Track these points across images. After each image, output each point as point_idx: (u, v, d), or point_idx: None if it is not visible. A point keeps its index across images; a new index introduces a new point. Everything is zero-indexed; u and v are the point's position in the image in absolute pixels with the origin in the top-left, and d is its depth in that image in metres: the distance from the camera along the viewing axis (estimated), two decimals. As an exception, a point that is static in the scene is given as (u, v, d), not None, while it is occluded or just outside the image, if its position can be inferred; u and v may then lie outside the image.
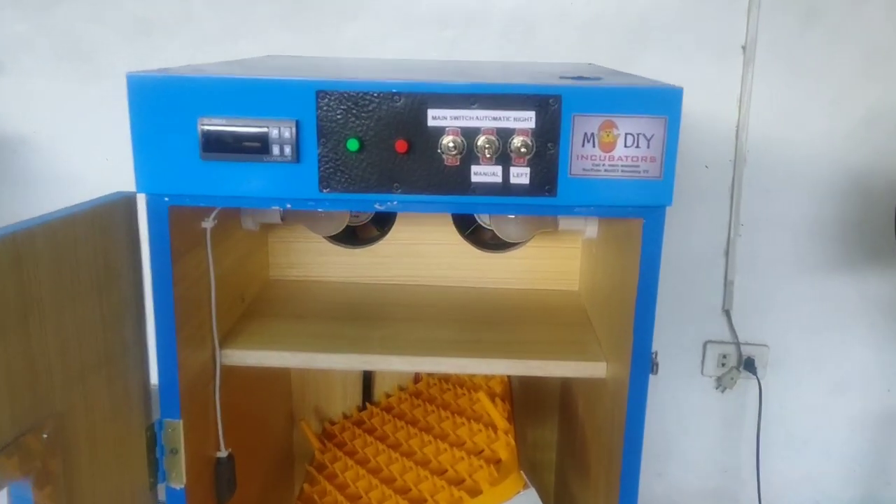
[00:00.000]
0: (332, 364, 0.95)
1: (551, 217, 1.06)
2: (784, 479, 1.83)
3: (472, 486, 0.97)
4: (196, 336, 0.89)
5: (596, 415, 1.03)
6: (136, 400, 0.82)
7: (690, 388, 1.78)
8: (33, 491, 0.65)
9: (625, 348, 0.86)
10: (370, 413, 1.32)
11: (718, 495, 1.85)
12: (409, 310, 1.11)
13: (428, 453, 1.10)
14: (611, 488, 0.91)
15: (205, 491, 0.94)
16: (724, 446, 1.82)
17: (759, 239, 1.66)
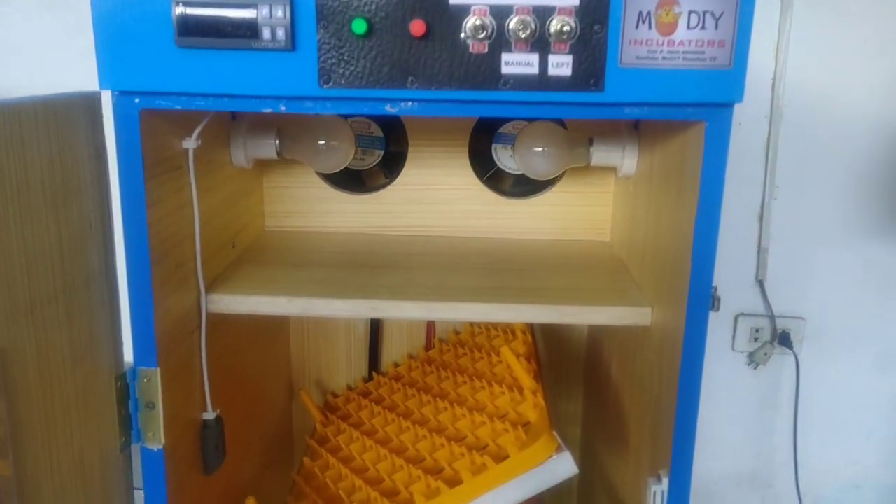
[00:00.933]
0: (335, 311, 0.82)
1: (583, 149, 0.93)
2: (822, 463, 1.70)
3: (497, 451, 0.84)
4: (176, 276, 0.76)
5: (635, 374, 0.90)
6: (104, 344, 0.69)
7: (720, 365, 1.65)
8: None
9: (674, 290, 0.73)
10: (377, 383, 1.19)
11: (752, 481, 1.72)
12: (422, 258, 0.99)
13: (444, 420, 0.97)
14: (657, 457, 0.78)
15: (189, 456, 0.81)
16: (757, 428, 1.69)
17: (796, 202, 1.53)
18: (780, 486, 1.73)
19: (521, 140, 0.95)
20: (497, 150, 1.06)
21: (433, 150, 1.07)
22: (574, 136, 0.96)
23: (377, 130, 1.06)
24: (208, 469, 0.86)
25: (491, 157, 1.06)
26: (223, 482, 0.93)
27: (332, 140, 0.93)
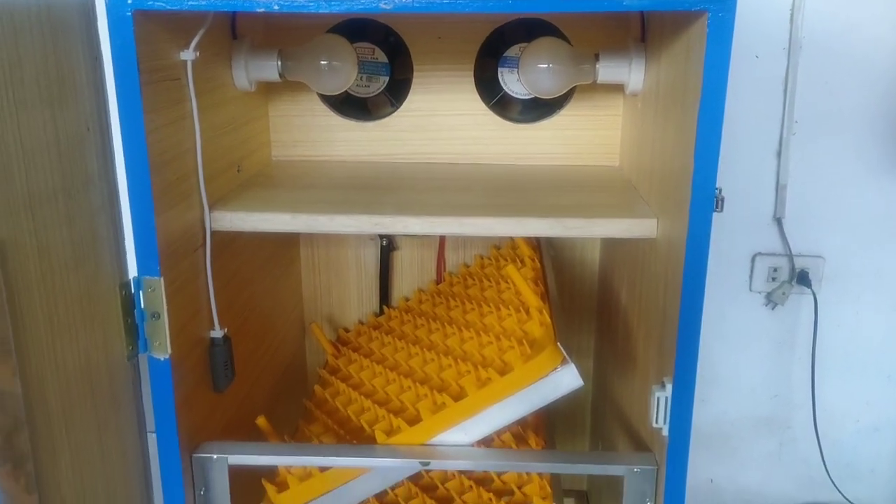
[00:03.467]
0: (339, 227, 0.82)
1: (589, 65, 0.92)
2: (840, 405, 1.68)
3: (502, 366, 0.84)
4: (177, 189, 0.77)
5: (643, 294, 0.89)
6: (105, 248, 0.70)
7: (737, 306, 1.63)
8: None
9: (679, 200, 0.72)
10: (388, 317, 1.20)
11: (769, 424, 1.71)
12: (428, 183, 0.98)
13: (451, 345, 0.97)
14: (661, 366, 0.77)
15: (197, 371, 0.82)
16: (774, 370, 1.67)
17: (815, 138, 1.50)
18: (798, 428, 1.71)
19: (525, 57, 0.93)
20: (503, 74, 1.04)
21: (438, 75, 1.05)
22: (580, 51, 0.94)
23: (381, 56, 1.05)
24: (218, 387, 0.87)
25: (497, 83, 1.05)
26: (235, 403, 0.94)
27: (334, 60, 0.92)
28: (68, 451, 0.65)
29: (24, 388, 0.61)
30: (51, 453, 0.64)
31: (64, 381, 0.66)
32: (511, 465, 0.82)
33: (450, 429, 0.83)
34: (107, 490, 0.71)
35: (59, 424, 0.65)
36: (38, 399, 0.62)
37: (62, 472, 0.65)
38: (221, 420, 0.89)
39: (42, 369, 0.63)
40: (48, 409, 0.64)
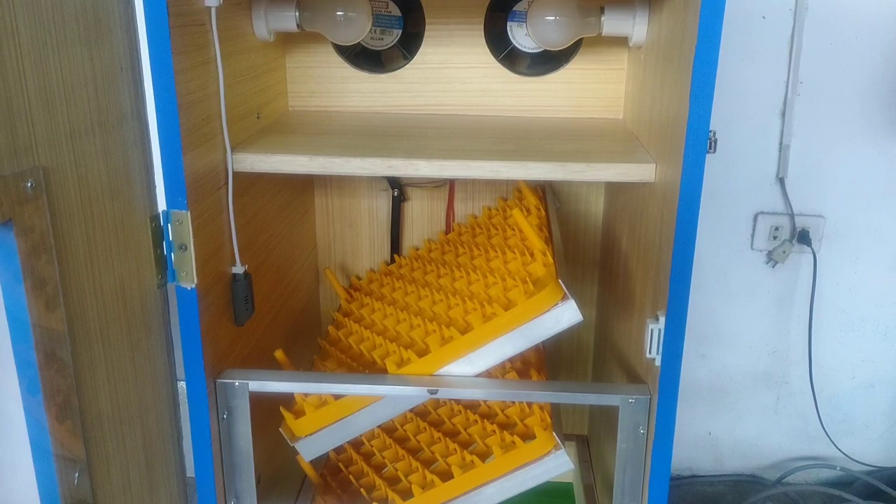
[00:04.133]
0: (354, 169, 0.87)
1: (594, 18, 0.96)
2: (837, 361, 1.73)
3: (507, 302, 0.89)
4: (203, 129, 0.81)
5: (642, 238, 0.94)
6: (137, 181, 0.75)
7: (739, 264, 1.68)
8: (17, 240, 0.59)
9: (675, 144, 0.76)
10: (398, 265, 1.25)
11: (766, 379, 1.76)
12: (438, 132, 1.02)
13: (459, 287, 1.03)
14: (656, 302, 0.82)
15: (220, 303, 0.88)
16: (773, 326, 1.72)
17: (819, 99, 1.53)
18: (795, 383, 1.76)
19: (533, 9, 0.97)
20: (512, 28, 1.08)
21: (450, 29, 1.09)
22: (585, 4, 0.98)
23: (395, 10, 1.09)
24: (239, 319, 0.92)
25: (506, 37, 1.09)
26: (254, 338, 0.99)
27: (349, 11, 0.96)
28: (104, 364, 0.71)
29: (66, 307, 0.66)
30: (89, 366, 0.69)
31: (101, 303, 0.71)
32: (513, 393, 0.88)
33: (456, 360, 0.88)
34: (139, 404, 0.77)
35: (96, 340, 0.70)
36: (79, 317, 0.68)
37: (99, 383, 0.71)
38: (241, 352, 0.95)
39: (82, 290, 0.68)
40: (87, 326, 0.69)
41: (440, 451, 0.99)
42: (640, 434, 0.86)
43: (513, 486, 0.91)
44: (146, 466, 0.80)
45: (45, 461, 0.70)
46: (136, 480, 0.77)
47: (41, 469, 0.71)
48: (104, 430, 0.72)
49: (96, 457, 0.71)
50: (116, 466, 0.74)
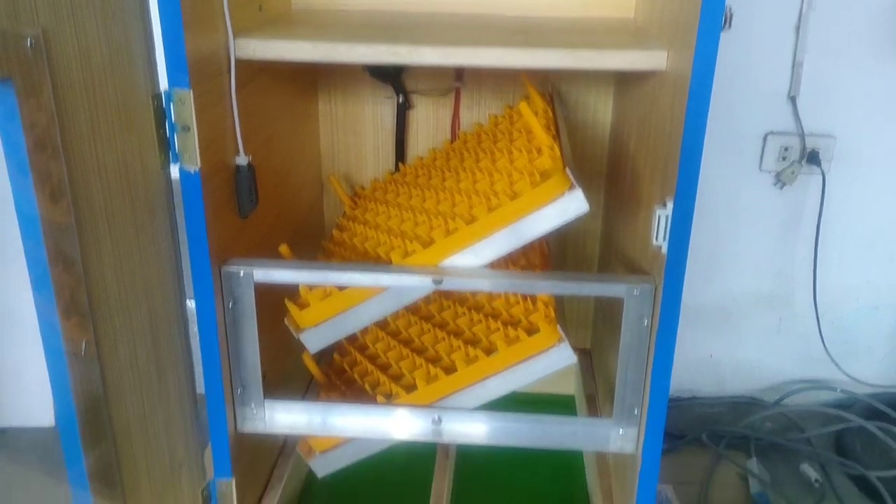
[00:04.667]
0: (357, 56, 0.85)
1: None
2: (842, 284, 1.73)
3: (512, 194, 0.88)
4: (204, 9, 0.80)
5: (651, 133, 0.92)
6: (139, 59, 0.74)
7: (747, 185, 1.66)
8: (18, 98, 0.58)
9: (689, 24, 0.74)
10: (403, 174, 1.24)
11: (770, 301, 1.76)
12: (446, 27, 1.00)
13: (465, 187, 1.02)
14: (664, 190, 0.81)
15: (223, 191, 0.87)
16: (779, 248, 1.71)
17: (835, 13, 1.49)
18: (799, 306, 1.76)
19: None
20: (522, -78, 1.05)
21: (458, -75, 1.06)
22: None
23: None
24: (242, 211, 0.92)
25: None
26: (258, 234, 0.99)
27: None
28: (109, 242, 0.71)
29: (71, 185, 0.65)
30: (94, 243, 0.69)
31: (105, 182, 0.71)
32: (518, 283, 0.88)
33: (461, 251, 0.88)
34: (144, 283, 0.77)
35: (101, 218, 0.70)
36: (84, 194, 0.67)
37: (105, 260, 0.71)
38: (246, 247, 0.95)
39: (86, 168, 0.68)
40: (92, 205, 0.69)
41: (444, 350, 1.00)
42: (644, 326, 0.86)
43: (517, 378, 0.92)
44: (153, 347, 0.80)
45: (56, 356, 0.70)
46: (143, 359, 0.78)
47: (53, 364, 0.71)
48: (110, 307, 0.73)
49: (103, 333, 0.72)
50: (123, 342, 0.75)
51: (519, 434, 0.93)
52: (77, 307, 0.68)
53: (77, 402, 0.70)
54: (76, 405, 0.70)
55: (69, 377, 0.69)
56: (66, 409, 0.71)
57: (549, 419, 0.94)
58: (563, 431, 0.94)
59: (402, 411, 0.93)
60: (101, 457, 0.74)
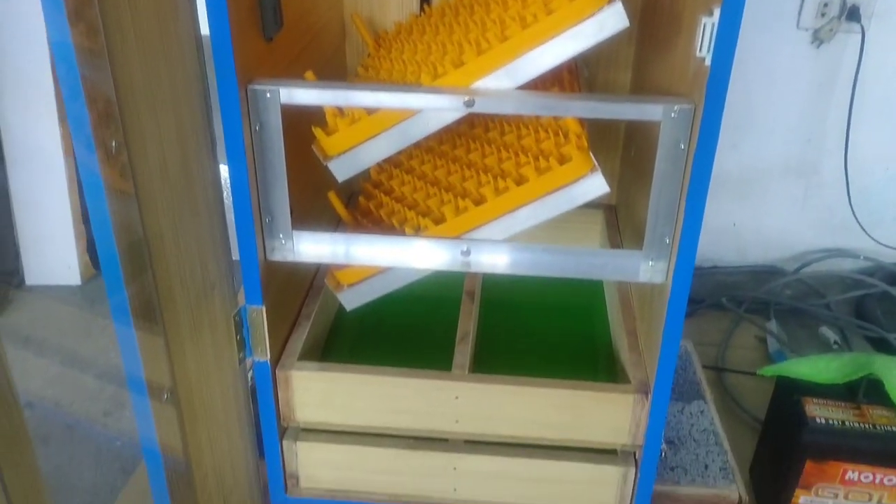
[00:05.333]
0: None
1: None
2: (873, 151, 1.69)
3: (549, 11, 0.84)
4: None
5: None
6: None
7: (782, 44, 1.60)
8: None
9: None
10: (428, 14, 1.19)
11: (799, 168, 1.73)
12: None
13: (496, 16, 0.98)
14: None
15: (247, 10, 0.84)
16: (811, 112, 1.67)
17: None
18: (827, 173, 1.73)
19: None
20: None
21: None
22: None
23: None
24: (267, 32, 0.89)
25: None
26: (284, 60, 0.96)
27: None
28: (133, 36, 0.69)
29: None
30: (122, 38, 0.67)
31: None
32: (552, 104, 0.85)
33: (494, 71, 0.85)
34: (171, 89, 0.76)
35: (126, 16, 0.68)
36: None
37: (129, 54, 0.69)
38: (271, 71, 0.92)
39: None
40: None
41: (473, 186, 0.98)
42: (681, 150, 0.84)
43: (548, 209, 0.91)
44: (182, 159, 0.79)
45: (88, 157, 0.70)
46: (172, 167, 0.77)
47: (85, 170, 0.71)
48: (139, 108, 0.71)
49: (132, 135, 0.70)
50: (153, 145, 0.73)
51: (548, 264, 0.92)
52: (108, 112, 0.66)
53: (110, 202, 0.70)
54: (109, 208, 0.70)
55: (101, 178, 0.69)
56: (101, 217, 0.71)
57: (579, 251, 0.93)
58: (592, 263, 0.93)
59: (429, 242, 0.93)
60: (136, 266, 0.75)
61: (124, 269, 0.73)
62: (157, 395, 0.82)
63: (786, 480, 1.11)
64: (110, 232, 0.72)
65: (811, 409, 1.09)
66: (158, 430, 0.84)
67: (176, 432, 0.86)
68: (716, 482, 1.12)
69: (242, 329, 0.96)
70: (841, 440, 1.06)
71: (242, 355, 0.97)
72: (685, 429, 1.22)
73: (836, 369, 1.12)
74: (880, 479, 1.07)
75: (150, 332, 0.80)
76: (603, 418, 0.98)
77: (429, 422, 1.01)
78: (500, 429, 1.01)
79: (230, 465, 0.99)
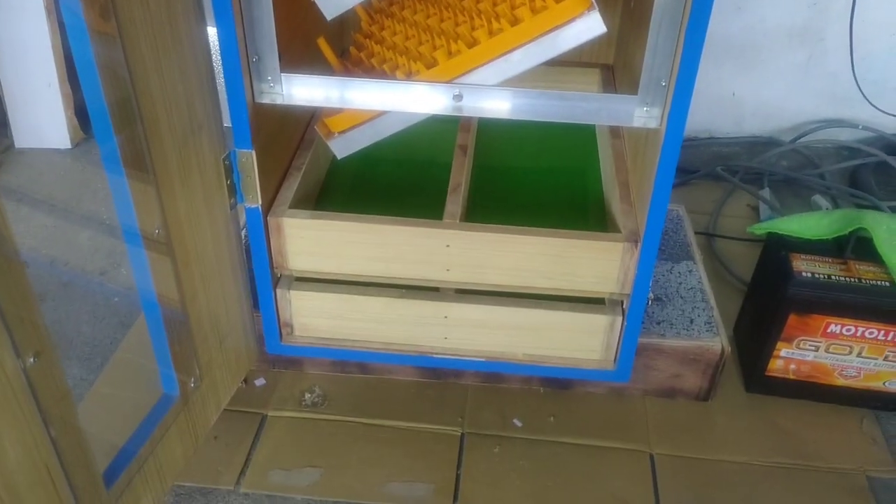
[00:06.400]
0: None
1: None
2: (880, 15, 1.64)
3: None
4: None
5: None
6: None
7: None
8: None
9: None
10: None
11: (803, 34, 1.69)
12: None
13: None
14: None
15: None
16: (819, -27, 1.61)
17: None
18: (831, 39, 1.69)
19: None
20: None
21: None
22: None
23: None
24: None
25: None
26: None
27: None
28: None
29: None
30: None
31: None
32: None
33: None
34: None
35: None
36: None
37: None
38: None
39: None
40: None
41: (466, 30, 0.95)
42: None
43: (543, 51, 0.89)
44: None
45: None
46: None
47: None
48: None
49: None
50: None
51: (541, 109, 0.91)
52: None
53: (94, 47, 0.68)
54: (94, 53, 0.68)
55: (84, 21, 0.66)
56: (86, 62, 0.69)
57: (572, 95, 0.91)
58: (586, 108, 0.91)
59: (421, 86, 0.91)
60: (130, 136, 0.74)
61: (113, 118, 0.72)
62: (150, 236, 0.82)
63: (768, 333, 1.14)
64: (97, 80, 0.71)
65: (798, 264, 1.11)
66: (154, 278, 0.85)
67: (171, 281, 0.87)
68: (700, 335, 1.14)
69: (233, 174, 0.95)
70: (825, 293, 1.08)
71: (234, 201, 0.97)
72: (673, 287, 1.23)
73: (825, 226, 1.13)
74: (861, 331, 1.10)
75: (142, 181, 0.79)
76: (592, 267, 1.00)
77: (420, 270, 1.02)
78: (491, 277, 1.02)
79: (224, 310, 1.00)
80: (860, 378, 1.15)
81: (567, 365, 1.08)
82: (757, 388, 1.20)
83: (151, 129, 0.79)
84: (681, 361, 1.15)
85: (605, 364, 1.08)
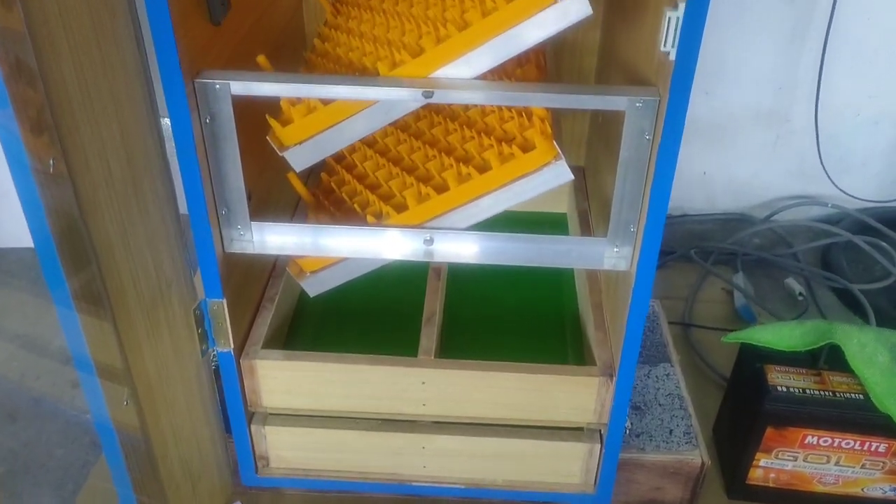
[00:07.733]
0: None
1: None
2: (844, 97, 1.67)
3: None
4: None
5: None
6: None
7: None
8: None
9: None
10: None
11: (769, 117, 1.72)
12: None
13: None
14: None
15: (193, 6, 0.79)
16: (783, 61, 1.64)
17: None
18: (798, 120, 1.72)
19: None
20: None
21: None
22: None
23: None
24: (214, 17, 0.84)
25: None
26: (233, 41, 0.92)
27: None
28: (67, 47, 0.64)
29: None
30: (52, 50, 0.63)
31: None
32: (513, 96, 0.82)
33: (453, 61, 0.82)
34: (111, 95, 0.71)
35: (56, 23, 0.63)
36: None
37: (64, 68, 0.64)
38: (220, 57, 0.88)
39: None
40: (45, 9, 0.62)
41: (436, 168, 0.96)
42: (646, 140, 0.82)
43: (511, 197, 0.89)
44: (127, 164, 0.76)
45: (24, 176, 0.66)
46: (117, 176, 0.74)
47: (21, 183, 0.67)
48: (77, 120, 0.67)
49: (72, 148, 0.67)
50: (95, 158, 0.70)
51: (511, 253, 0.91)
52: (41, 123, 0.63)
53: (51, 222, 0.67)
54: (51, 225, 0.67)
55: (40, 197, 0.65)
56: (40, 229, 0.68)
57: (542, 238, 0.92)
58: (556, 250, 0.92)
59: (393, 232, 0.91)
60: (84, 277, 0.72)
61: (76, 302, 0.70)
62: (118, 406, 0.81)
63: (747, 444, 1.14)
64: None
65: (773, 376, 1.11)
66: (119, 436, 0.84)
67: (140, 438, 0.85)
68: (679, 447, 1.14)
69: (204, 322, 0.94)
70: (801, 408, 1.08)
71: (205, 347, 0.96)
72: (651, 392, 1.23)
73: (798, 337, 1.14)
74: (838, 442, 1.10)
75: (97, 316, 0.76)
76: (569, 400, 1.00)
77: (396, 406, 1.02)
78: (468, 411, 1.02)
79: (197, 454, 0.99)
80: (839, 485, 1.15)
81: (547, 490, 1.08)
82: (738, 494, 1.20)
83: (116, 294, 0.78)
84: (661, 475, 1.15)
85: (586, 488, 1.08)
